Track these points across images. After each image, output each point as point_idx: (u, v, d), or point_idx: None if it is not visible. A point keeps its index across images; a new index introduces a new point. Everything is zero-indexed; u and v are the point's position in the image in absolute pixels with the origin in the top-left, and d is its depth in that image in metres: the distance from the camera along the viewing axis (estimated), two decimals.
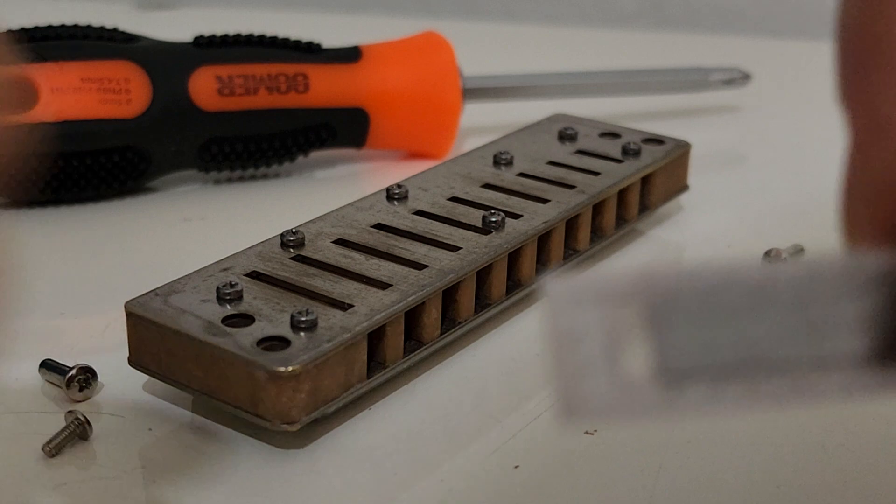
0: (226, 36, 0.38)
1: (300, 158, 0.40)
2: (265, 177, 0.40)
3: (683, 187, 0.37)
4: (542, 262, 0.31)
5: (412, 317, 0.27)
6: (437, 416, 0.26)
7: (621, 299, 0.13)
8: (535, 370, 0.28)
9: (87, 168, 0.36)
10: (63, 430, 0.24)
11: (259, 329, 0.24)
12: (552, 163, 0.35)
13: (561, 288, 0.13)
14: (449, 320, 0.28)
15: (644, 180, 0.35)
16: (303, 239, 0.29)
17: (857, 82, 0.12)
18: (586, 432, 0.25)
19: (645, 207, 0.35)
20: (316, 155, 0.41)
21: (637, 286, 0.13)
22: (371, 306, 0.26)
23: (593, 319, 0.13)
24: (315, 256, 0.28)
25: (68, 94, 0.35)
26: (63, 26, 0.37)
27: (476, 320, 0.29)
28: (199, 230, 0.36)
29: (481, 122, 0.44)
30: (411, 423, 0.26)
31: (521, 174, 0.34)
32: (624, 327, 0.13)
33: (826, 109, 0.53)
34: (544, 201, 0.32)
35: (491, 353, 0.29)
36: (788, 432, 0.26)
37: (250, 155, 0.39)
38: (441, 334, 0.28)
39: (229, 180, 0.40)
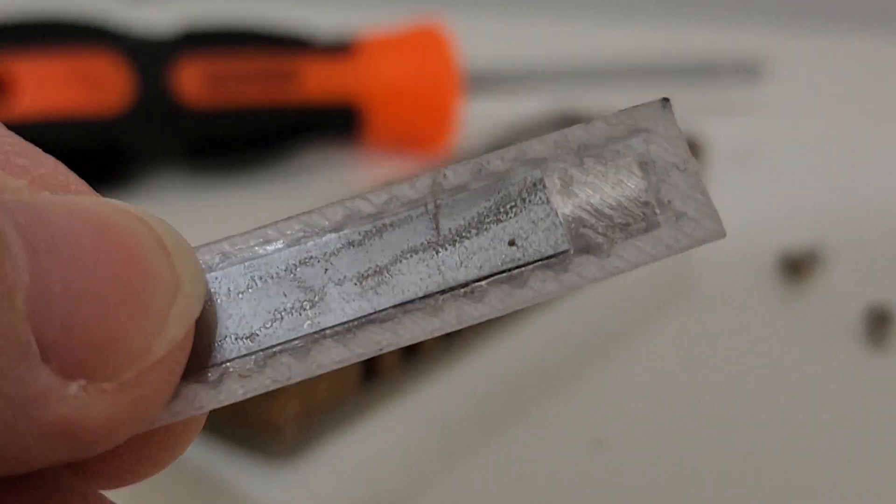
0: (214, 28, 0.38)
1: (290, 158, 0.40)
2: (252, 179, 0.40)
3: None
4: None
5: None
6: (435, 428, 0.26)
7: None
8: (537, 381, 0.28)
9: None
10: None
11: None
12: None
13: None
14: None
15: None
16: None
17: None
18: (592, 443, 0.25)
19: None
20: (307, 155, 0.41)
21: None
22: None
23: None
24: None
25: (42, 88, 0.35)
26: (39, 14, 0.36)
27: (476, 329, 0.29)
28: (185, 235, 0.36)
29: (486, 121, 0.44)
30: (408, 435, 0.26)
31: None
32: None
33: (842, 105, 0.53)
34: None
35: (492, 363, 0.29)
36: (799, 443, 0.26)
37: (238, 152, 0.39)
38: (439, 344, 0.28)
39: (217, 181, 0.40)
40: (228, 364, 0.13)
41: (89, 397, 0.10)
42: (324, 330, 0.13)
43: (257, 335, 0.13)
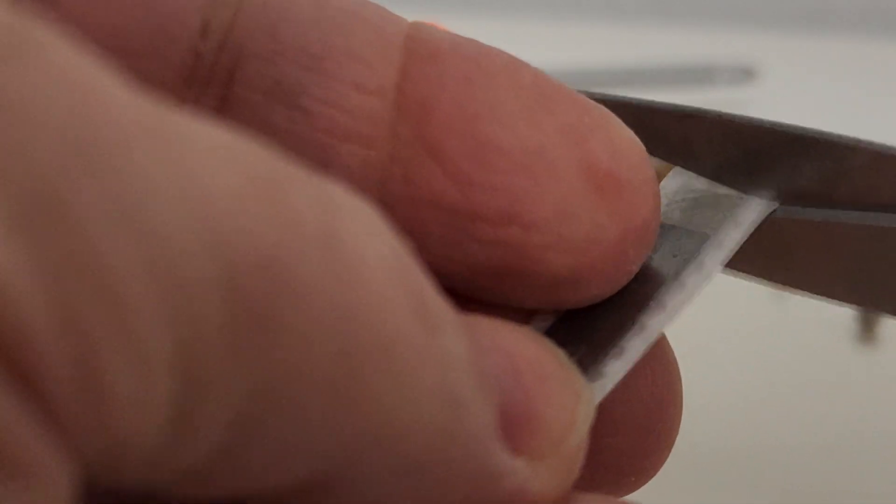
0: None
1: None
2: None
3: None
4: None
5: None
6: None
7: None
8: None
9: None
10: None
11: None
12: None
13: None
14: None
15: None
16: None
17: None
18: None
19: None
20: None
21: None
22: None
23: None
24: None
25: None
26: None
27: None
28: None
29: None
30: None
31: None
32: None
33: (834, 106, 0.54)
34: None
35: None
36: (793, 437, 0.26)
37: None
38: None
39: None
40: None
41: (533, 472, 0.12)
42: None
43: None
